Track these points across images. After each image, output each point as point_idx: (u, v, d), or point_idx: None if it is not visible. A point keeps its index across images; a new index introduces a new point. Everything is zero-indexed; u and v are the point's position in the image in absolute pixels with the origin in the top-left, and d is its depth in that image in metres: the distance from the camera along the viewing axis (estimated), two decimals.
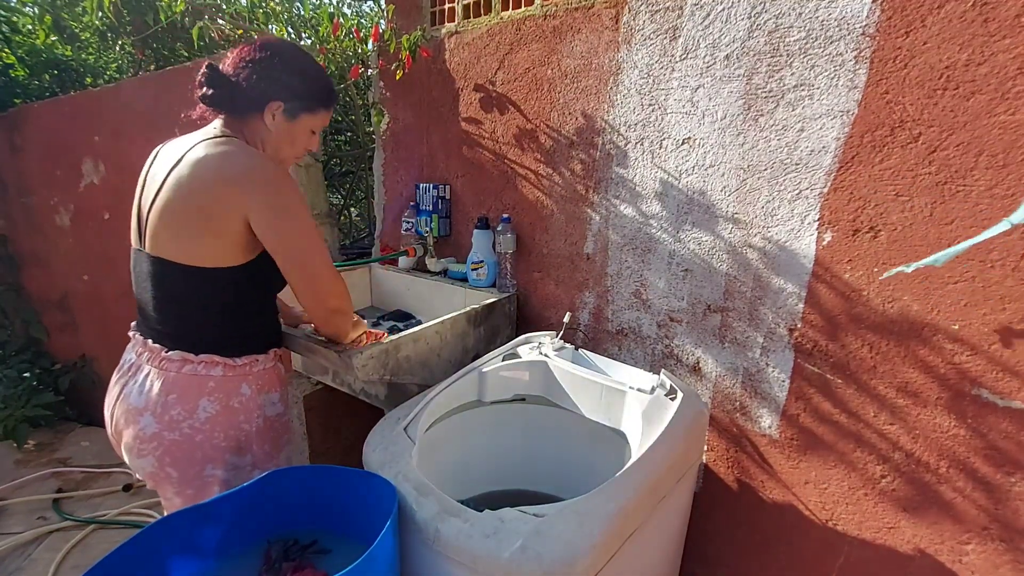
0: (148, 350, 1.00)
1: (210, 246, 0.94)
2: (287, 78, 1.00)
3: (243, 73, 0.98)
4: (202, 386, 0.98)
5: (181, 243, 0.94)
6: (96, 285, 2.68)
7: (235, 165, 0.93)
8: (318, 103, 1.05)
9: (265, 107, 0.99)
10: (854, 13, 0.95)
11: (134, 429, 0.98)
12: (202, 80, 0.97)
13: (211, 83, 0.97)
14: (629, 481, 0.85)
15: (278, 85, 0.99)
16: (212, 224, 0.93)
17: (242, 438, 1.03)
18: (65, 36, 2.65)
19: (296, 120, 1.03)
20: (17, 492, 2.29)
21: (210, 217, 0.92)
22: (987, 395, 0.93)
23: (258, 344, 1.06)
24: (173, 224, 0.94)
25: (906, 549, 1.07)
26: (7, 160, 2.85)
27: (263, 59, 0.98)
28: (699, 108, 1.16)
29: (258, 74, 0.98)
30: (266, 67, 0.98)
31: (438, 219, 1.68)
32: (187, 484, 1.01)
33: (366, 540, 0.86)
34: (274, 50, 1.00)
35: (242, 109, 1.00)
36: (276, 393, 1.09)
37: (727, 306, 1.21)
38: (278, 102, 0.99)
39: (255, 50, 0.99)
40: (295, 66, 1.01)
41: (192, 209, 0.92)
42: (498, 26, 1.45)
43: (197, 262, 0.94)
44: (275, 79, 0.99)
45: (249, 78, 0.98)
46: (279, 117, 1.01)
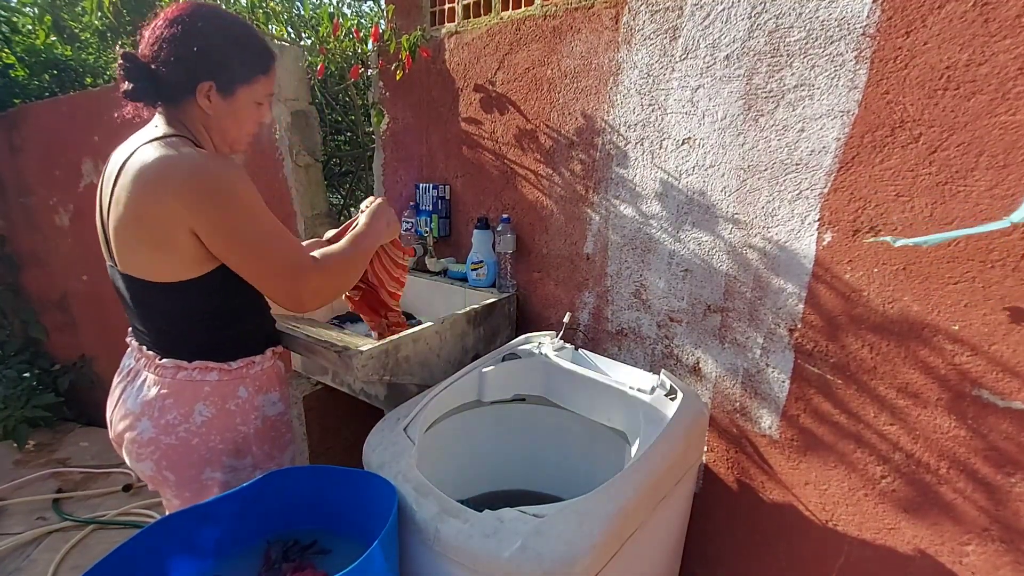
0: (144, 356, 0.99)
1: (169, 261, 0.87)
2: (211, 52, 0.87)
3: (161, 55, 0.86)
4: (198, 391, 0.96)
5: (140, 259, 0.89)
6: (95, 285, 2.68)
7: (172, 174, 0.83)
8: (254, 70, 0.92)
9: (196, 90, 0.88)
10: (854, 13, 0.95)
11: (132, 433, 0.98)
12: (121, 73, 0.87)
13: (131, 75, 0.87)
14: (629, 481, 0.85)
15: (202, 62, 0.87)
16: (160, 239, 0.86)
17: (240, 440, 1.02)
18: (65, 36, 2.65)
19: (234, 96, 0.92)
20: (17, 492, 2.29)
21: (156, 231, 0.85)
22: (987, 396, 0.93)
23: (253, 345, 1.04)
24: (128, 240, 0.88)
25: (906, 550, 1.07)
26: (7, 160, 2.85)
27: (175, 36, 0.85)
28: (699, 108, 1.16)
29: (175, 54, 0.85)
30: (184, 43, 0.85)
31: (438, 219, 1.68)
32: (185, 487, 1.00)
33: (366, 540, 0.86)
34: (188, 21, 0.86)
35: (172, 98, 0.90)
36: (276, 393, 1.08)
37: (727, 306, 1.21)
38: (207, 82, 0.88)
39: (165, 26, 0.86)
40: (217, 35, 0.88)
41: (138, 225, 0.86)
42: (498, 26, 1.45)
43: (163, 278, 0.89)
44: (197, 56, 0.86)
45: (167, 61, 0.86)
46: (214, 98, 0.90)
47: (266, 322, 1.09)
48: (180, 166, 0.84)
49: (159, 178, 0.83)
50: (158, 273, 0.89)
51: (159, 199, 0.83)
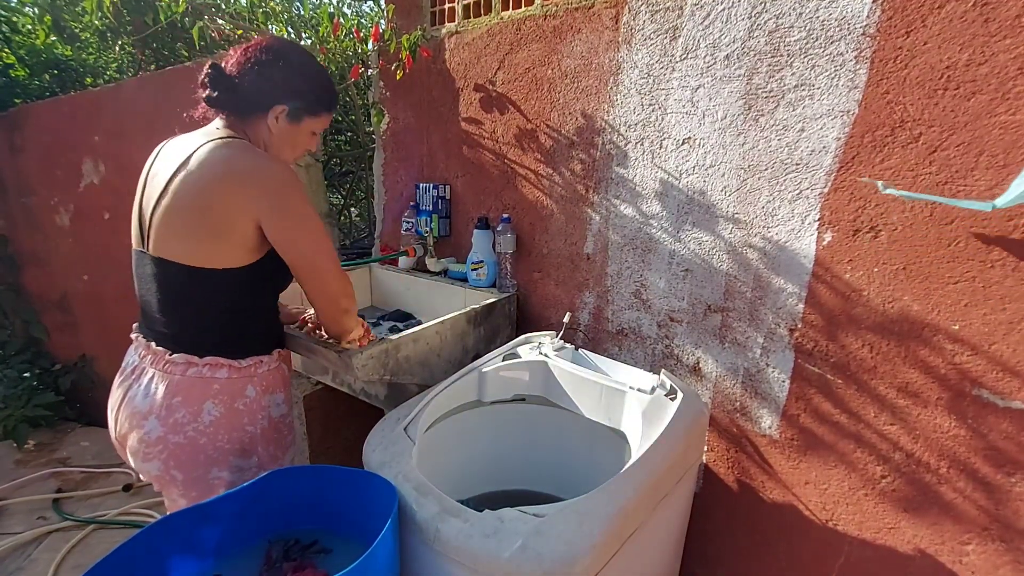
0: (152, 353, 0.99)
1: (217, 247, 0.93)
2: (291, 81, 0.99)
3: (247, 75, 0.97)
4: (207, 388, 0.98)
5: (186, 244, 0.94)
6: (96, 285, 2.68)
7: (245, 167, 0.92)
8: (321, 106, 1.04)
9: (269, 110, 0.99)
10: (855, 13, 0.95)
11: (139, 433, 0.98)
12: (206, 81, 0.97)
13: (215, 84, 0.96)
14: (629, 481, 0.85)
15: (282, 88, 0.98)
16: (220, 225, 0.92)
17: (246, 440, 1.02)
18: (65, 36, 2.65)
19: (299, 123, 1.03)
20: (17, 492, 2.29)
21: (219, 218, 0.92)
22: (987, 395, 0.93)
23: (263, 345, 1.06)
24: (179, 225, 0.93)
25: (906, 549, 1.07)
26: (7, 160, 2.85)
27: (268, 61, 0.97)
28: (699, 108, 1.16)
29: (262, 76, 0.97)
30: (270, 70, 0.97)
31: (438, 219, 1.68)
32: (192, 487, 1.00)
33: (366, 540, 0.86)
34: (278, 52, 0.99)
35: (245, 111, 0.99)
36: (281, 394, 1.09)
37: (727, 306, 1.21)
38: (282, 106, 0.99)
39: (260, 51, 0.98)
40: (299, 69, 1.00)
41: (199, 210, 0.92)
42: (498, 26, 1.45)
43: (202, 263, 0.94)
44: (279, 82, 0.98)
45: (253, 81, 0.97)
46: (282, 120, 1.00)
47: (276, 324, 1.12)
48: (249, 159, 0.93)
49: (229, 168, 0.91)
50: (202, 258, 0.94)
51: (227, 187, 0.91)
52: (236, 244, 0.94)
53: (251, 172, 0.92)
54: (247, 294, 1.00)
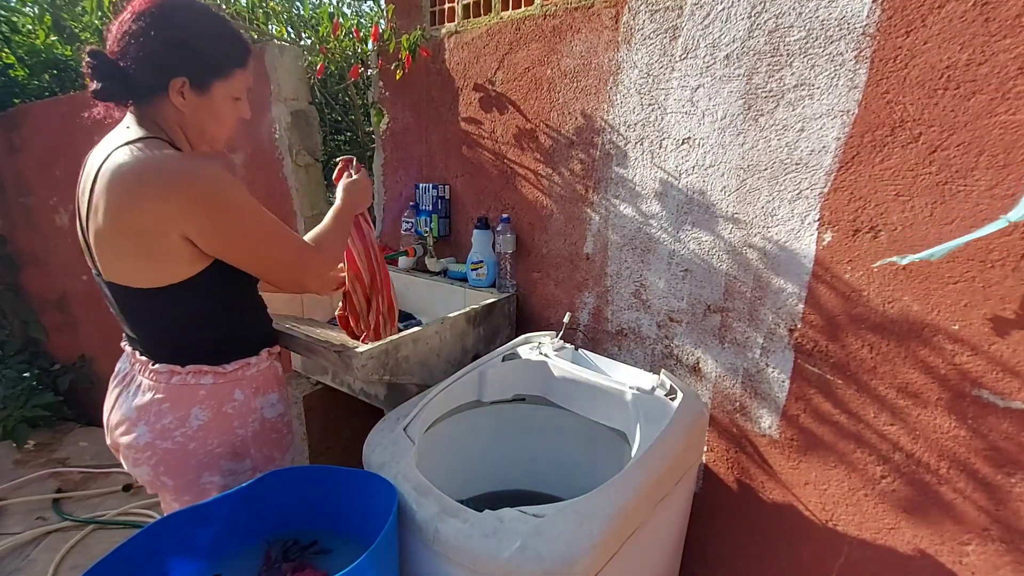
0: (138, 361, 0.98)
1: (155, 267, 0.85)
2: (182, 45, 0.83)
3: (130, 52, 0.81)
4: (193, 395, 0.95)
5: (124, 266, 0.86)
6: (95, 285, 2.67)
7: (155, 179, 0.80)
8: (229, 63, 0.88)
9: (168, 87, 0.84)
10: (854, 13, 0.95)
11: (128, 438, 0.97)
12: (88, 71, 0.82)
13: (99, 74, 0.82)
14: (629, 481, 0.85)
15: (174, 56, 0.82)
16: (147, 246, 0.83)
17: (238, 443, 1.00)
18: (65, 36, 2.65)
19: (209, 91, 0.87)
20: (16, 492, 2.29)
21: (143, 240, 0.83)
22: (988, 396, 0.93)
23: (247, 347, 1.01)
24: (110, 248, 0.85)
25: (906, 550, 1.07)
26: (6, 160, 2.85)
27: (143, 30, 0.80)
28: (699, 108, 1.16)
29: (144, 50, 0.81)
30: (153, 38, 0.81)
31: (438, 219, 1.68)
32: (183, 492, 0.99)
33: (366, 540, 0.86)
34: (155, 15, 0.81)
35: (143, 95, 0.85)
36: (275, 394, 1.06)
37: (727, 306, 1.21)
38: (179, 78, 0.84)
39: (132, 20, 0.81)
40: (188, 27, 0.84)
41: (120, 231, 0.83)
42: (498, 26, 1.45)
43: (148, 283, 0.86)
44: (168, 50, 0.82)
45: (137, 56, 0.81)
46: (188, 94, 0.85)
47: (259, 323, 1.07)
48: (161, 170, 0.80)
49: (139, 183, 0.80)
50: (144, 279, 0.87)
51: (140, 205, 0.80)
52: (172, 261, 0.85)
53: (164, 184, 0.80)
54: (208, 301, 0.93)
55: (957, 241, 0.85)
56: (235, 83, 0.90)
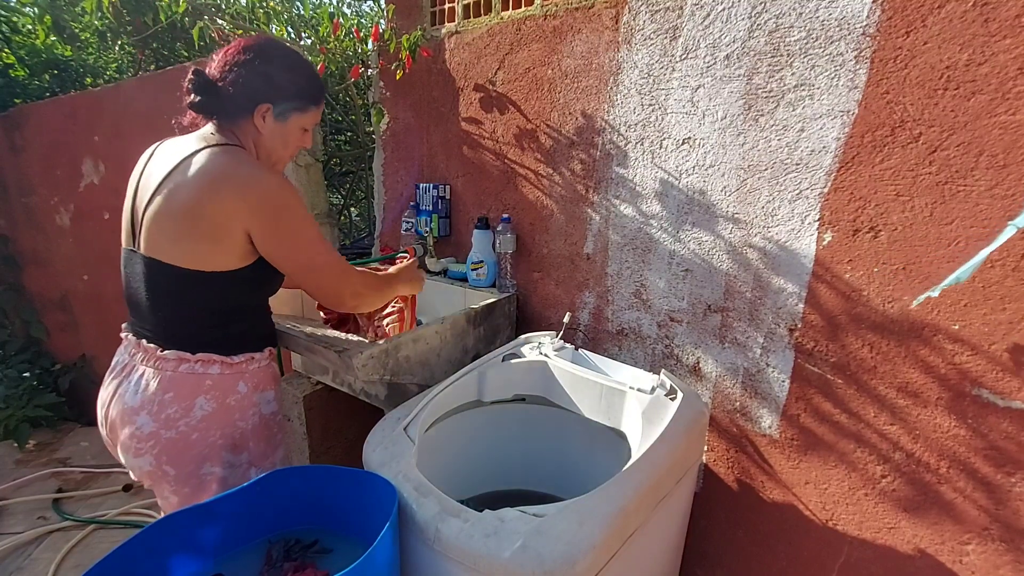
0: (143, 350, 0.99)
1: (208, 251, 0.94)
2: (273, 79, 0.98)
3: (229, 77, 0.97)
4: (199, 384, 0.98)
5: (178, 246, 0.94)
6: (96, 285, 2.68)
7: (240, 178, 0.92)
8: (308, 101, 1.03)
9: (254, 111, 0.98)
10: (854, 13, 0.95)
11: (130, 428, 0.98)
12: (189, 87, 0.96)
13: (198, 89, 0.96)
14: (629, 481, 0.85)
15: (265, 87, 0.98)
16: (212, 232, 0.92)
17: (237, 436, 1.03)
18: (65, 36, 2.65)
19: (287, 121, 1.02)
20: (17, 492, 2.30)
21: (211, 225, 0.92)
22: (987, 395, 0.93)
23: (255, 343, 1.06)
24: (170, 227, 0.93)
25: (906, 549, 1.07)
26: (7, 160, 2.86)
27: (247, 61, 0.96)
28: (699, 108, 1.16)
29: (244, 77, 0.96)
30: (251, 70, 0.97)
31: (438, 219, 1.68)
32: (184, 483, 1.01)
33: (366, 540, 0.86)
34: (258, 50, 0.98)
35: (232, 114, 0.99)
36: (271, 391, 1.10)
37: (727, 306, 1.21)
38: (267, 104, 0.98)
39: (239, 52, 0.97)
40: (281, 66, 0.99)
41: (192, 215, 0.92)
42: (498, 26, 1.45)
43: (193, 265, 0.94)
44: (261, 81, 0.97)
45: (235, 82, 0.96)
46: (269, 119, 1.00)
47: (267, 323, 1.12)
48: (244, 171, 0.93)
49: (224, 178, 0.92)
50: (193, 261, 0.94)
51: (223, 198, 0.91)
52: (228, 250, 0.95)
53: (245, 184, 0.92)
54: (239, 295, 1.01)
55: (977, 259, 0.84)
56: (308, 117, 1.05)
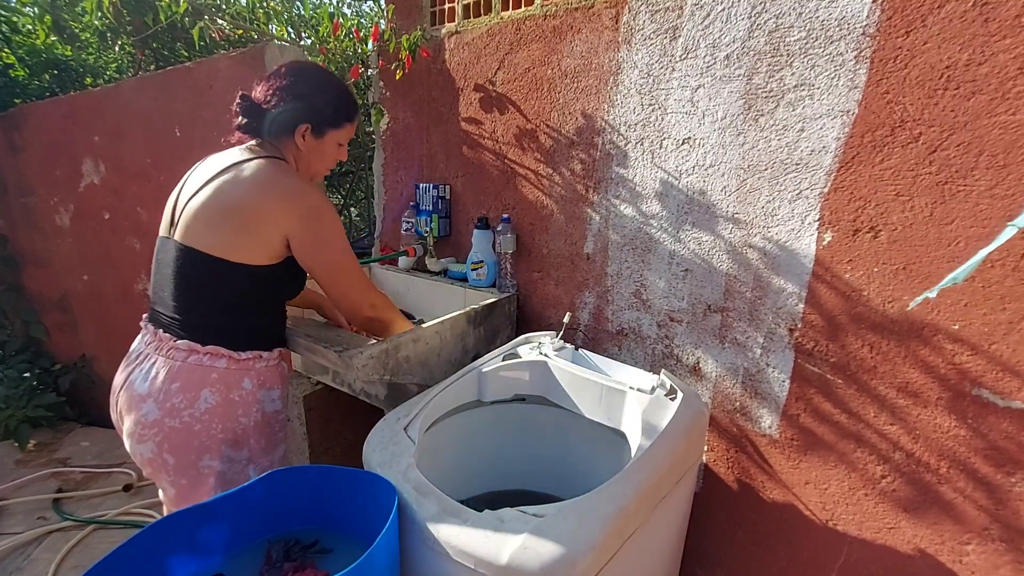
0: (158, 339, 1.04)
1: (241, 243, 1.00)
2: (310, 100, 1.08)
3: (272, 101, 1.07)
4: (205, 377, 1.01)
5: (213, 234, 1.00)
6: (96, 285, 2.68)
7: (287, 186, 1.02)
8: (341, 118, 1.12)
9: (295, 130, 1.08)
10: (854, 13, 0.95)
11: (136, 415, 1.01)
12: (237, 111, 1.08)
13: (246, 113, 1.07)
14: (629, 481, 0.85)
15: (304, 108, 1.07)
16: (250, 225, 1.00)
17: (239, 431, 1.06)
18: (65, 36, 2.65)
19: (323, 137, 1.11)
20: (17, 492, 2.29)
21: (250, 219, 0.99)
22: (988, 395, 0.93)
23: (264, 341, 1.10)
24: (211, 218, 1.00)
25: (906, 549, 1.07)
26: (7, 160, 2.85)
27: (288, 86, 1.07)
28: (699, 108, 1.16)
29: (286, 101, 1.07)
30: (291, 93, 1.07)
31: (438, 219, 1.68)
32: (182, 473, 1.03)
33: (366, 540, 0.86)
34: (296, 74, 1.08)
35: (275, 133, 1.09)
36: (277, 390, 1.12)
37: (727, 306, 1.21)
38: (305, 124, 1.08)
39: (280, 77, 1.08)
40: (317, 88, 1.09)
41: (235, 208, 0.99)
42: (498, 26, 1.45)
43: (223, 254, 1.00)
44: (300, 103, 1.07)
45: (278, 105, 1.07)
46: (308, 137, 1.09)
47: (280, 324, 1.16)
48: (290, 181, 1.03)
49: (272, 183, 1.01)
50: (225, 250, 1.00)
51: (269, 200, 1.00)
52: (260, 245, 1.01)
53: (291, 191, 1.01)
54: (258, 291, 1.06)
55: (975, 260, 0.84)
56: (343, 133, 1.15)
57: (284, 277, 1.08)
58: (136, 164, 2.18)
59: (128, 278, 2.43)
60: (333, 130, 1.12)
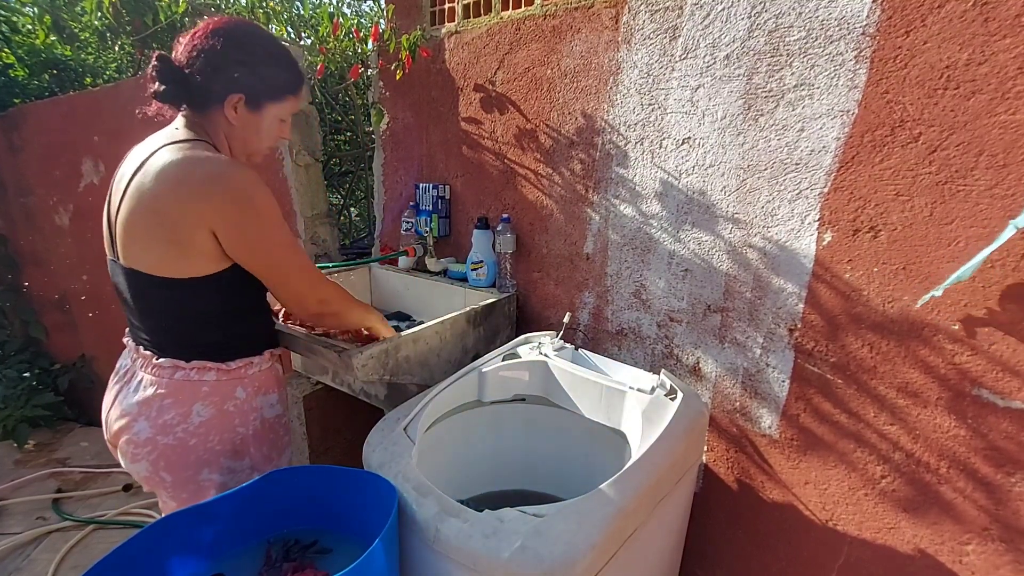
0: (141, 356, 0.98)
1: (178, 257, 0.89)
2: (245, 65, 0.90)
3: (196, 64, 0.89)
4: (196, 391, 0.96)
5: (149, 254, 0.89)
6: (95, 285, 2.68)
7: (198, 176, 0.85)
8: (284, 90, 0.96)
9: (224, 101, 0.91)
10: (854, 13, 0.95)
11: (128, 434, 0.97)
12: (153, 74, 0.89)
13: (163, 77, 0.89)
14: (629, 481, 0.85)
15: (235, 76, 0.90)
16: (178, 236, 0.87)
17: (238, 441, 1.02)
18: (65, 36, 2.65)
19: (260, 111, 0.95)
20: (16, 492, 2.29)
21: (175, 230, 0.86)
22: (987, 395, 0.93)
23: (252, 347, 1.04)
24: (139, 236, 0.89)
25: (906, 549, 1.07)
26: (7, 160, 2.85)
27: (214, 47, 0.89)
28: (699, 108, 1.16)
29: (212, 65, 0.89)
30: (220, 55, 0.89)
31: (438, 219, 1.68)
32: (181, 488, 1.00)
33: (366, 540, 0.86)
34: (228, 35, 0.90)
35: (200, 104, 0.92)
36: (274, 394, 1.08)
37: (727, 306, 1.21)
38: (238, 95, 0.91)
39: (207, 37, 0.89)
40: (253, 53, 0.91)
41: (156, 220, 0.86)
42: (498, 26, 1.45)
43: (170, 273, 0.89)
44: (231, 68, 0.89)
45: (203, 70, 0.89)
46: (241, 110, 0.93)
47: (265, 325, 1.09)
48: (205, 168, 0.86)
49: (184, 177, 0.85)
50: (167, 269, 0.89)
51: (181, 197, 0.85)
52: (198, 255, 0.89)
53: (204, 182, 0.85)
54: (224, 299, 0.96)
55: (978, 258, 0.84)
56: (285, 107, 0.98)
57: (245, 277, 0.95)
58: None
59: None
60: (273, 103, 0.95)
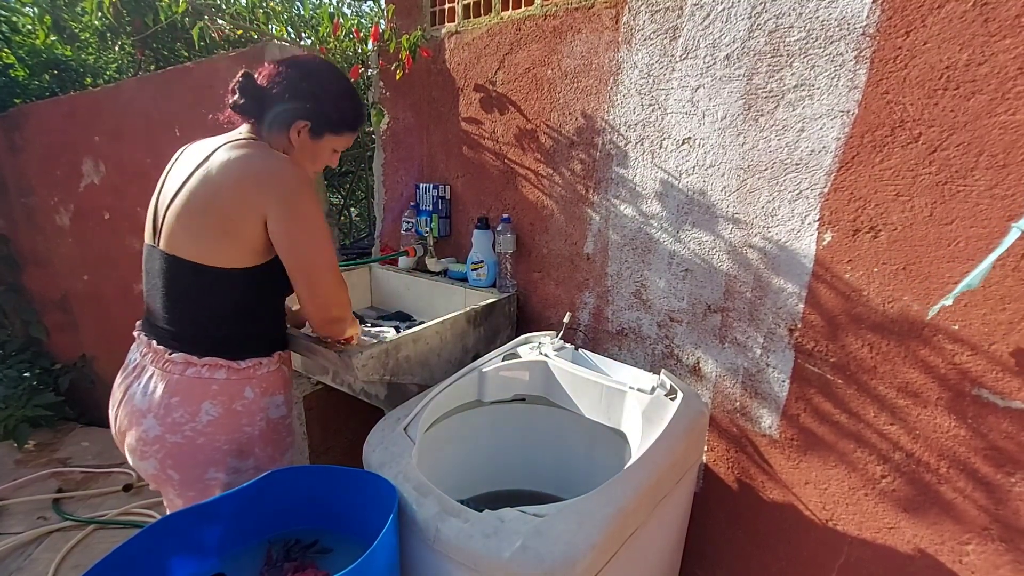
0: (152, 351, 1.00)
1: (226, 247, 0.95)
2: (316, 99, 1.01)
3: (276, 88, 1.00)
4: (205, 389, 0.98)
5: (197, 242, 0.95)
6: (96, 285, 2.68)
7: (257, 166, 0.94)
8: (344, 126, 1.06)
9: (292, 124, 1.01)
10: (854, 13, 0.95)
11: (137, 431, 0.98)
12: (235, 87, 1.00)
13: (244, 92, 0.99)
14: (629, 481, 0.85)
15: (308, 105, 1.00)
16: (230, 225, 0.93)
17: (244, 441, 1.03)
18: (65, 36, 2.65)
19: (320, 139, 1.04)
20: (17, 492, 2.29)
21: (229, 218, 0.93)
22: (987, 395, 0.93)
23: (263, 347, 1.06)
24: (191, 224, 0.94)
25: (906, 549, 1.07)
26: (7, 160, 2.85)
27: (296, 77, 1.00)
28: (699, 108, 1.16)
29: (290, 92, 0.99)
30: (298, 85, 1.00)
31: (438, 219, 1.68)
32: (188, 487, 1.01)
33: (366, 540, 0.86)
34: (307, 69, 1.02)
35: (269, 121, 1.01)
36: (280, 396, 1.09)
37: (727, 306, 1.21)
38: (304, 121, 1.01)
39: (290, 67, 1.01)
40: (327, 88, 1.02)
41: (212, 210, 0.93)
42: (498, 26, 1.45)
43: (211, 262, 0.95)
44: (305, 98, 1.00)
45: (281, 95, 0.99)
46: (304, 135, 1.02)
47: (278, 327, 1.12)
48: (266, 162, 0.95)
49: (245, 169, 0.93)
50: (209, 257, 0.95)
51: (243, 187, 0.93)
52: (244, 244, 0.95)
53: (263, 172, 0.94)
54: (251, 295, 1.01)
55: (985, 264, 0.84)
56: (341, 140, 1.08)
57: (278, 275, 1.00)
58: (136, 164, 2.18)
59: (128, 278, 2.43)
60: (332, 135, 1.05)
